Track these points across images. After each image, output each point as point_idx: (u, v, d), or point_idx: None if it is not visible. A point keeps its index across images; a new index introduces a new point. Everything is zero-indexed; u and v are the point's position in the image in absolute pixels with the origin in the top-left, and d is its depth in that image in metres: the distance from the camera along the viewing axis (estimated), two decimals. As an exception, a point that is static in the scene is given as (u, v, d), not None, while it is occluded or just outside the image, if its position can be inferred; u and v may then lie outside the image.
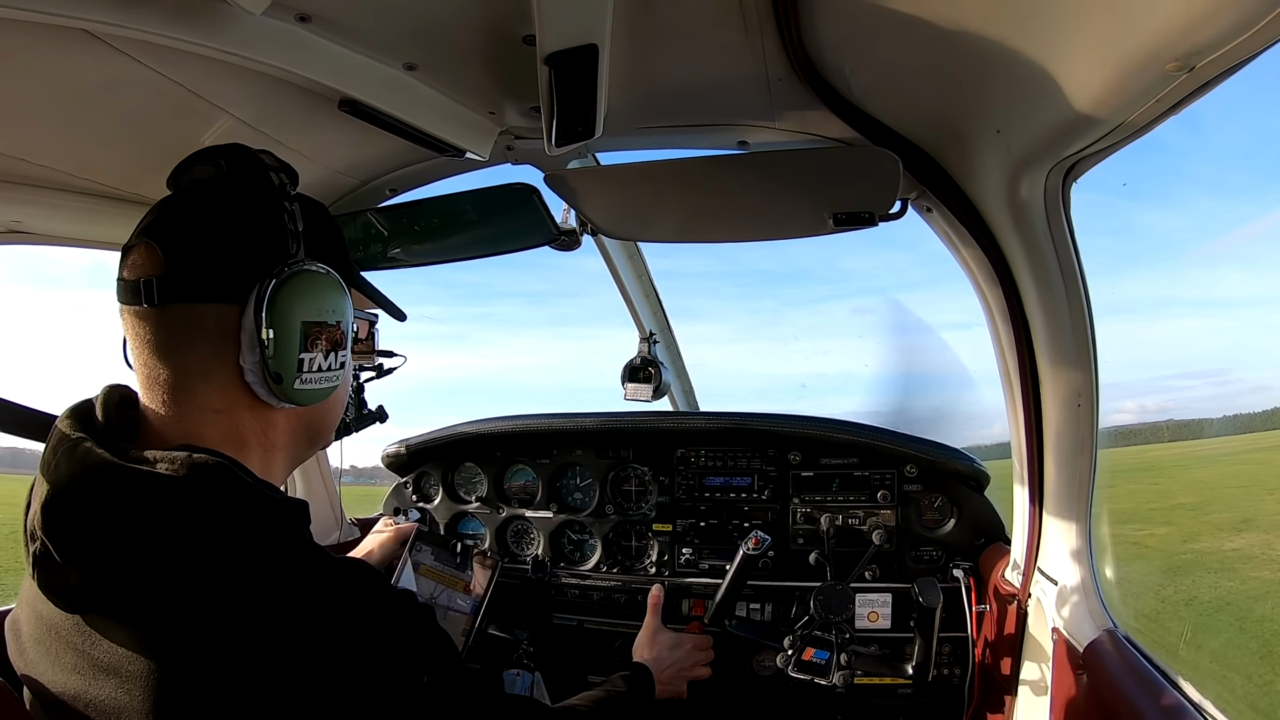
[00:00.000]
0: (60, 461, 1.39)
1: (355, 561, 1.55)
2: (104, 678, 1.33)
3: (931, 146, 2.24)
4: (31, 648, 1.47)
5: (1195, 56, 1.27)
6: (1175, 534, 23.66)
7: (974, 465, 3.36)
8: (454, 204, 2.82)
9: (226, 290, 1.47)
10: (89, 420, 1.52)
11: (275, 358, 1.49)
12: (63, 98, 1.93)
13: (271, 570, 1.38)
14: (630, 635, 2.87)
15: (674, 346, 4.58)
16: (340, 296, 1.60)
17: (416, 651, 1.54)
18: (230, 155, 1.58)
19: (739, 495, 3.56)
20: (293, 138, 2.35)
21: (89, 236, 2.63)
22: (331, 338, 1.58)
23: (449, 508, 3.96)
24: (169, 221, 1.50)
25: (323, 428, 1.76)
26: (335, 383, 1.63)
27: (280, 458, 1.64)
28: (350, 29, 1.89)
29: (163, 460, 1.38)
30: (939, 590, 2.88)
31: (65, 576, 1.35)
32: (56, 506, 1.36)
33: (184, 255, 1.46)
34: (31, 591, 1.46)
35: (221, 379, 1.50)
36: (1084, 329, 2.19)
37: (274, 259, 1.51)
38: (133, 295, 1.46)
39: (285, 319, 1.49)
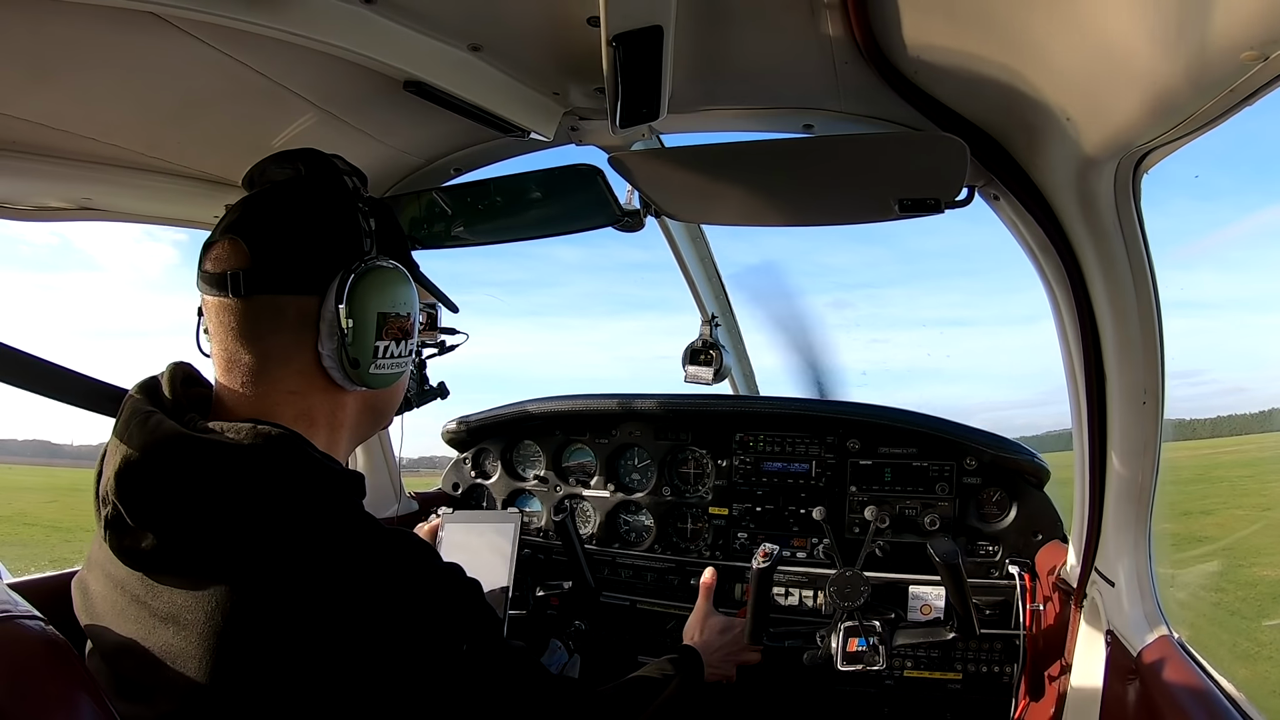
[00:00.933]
0: (132, 433, 1.49)
1: (405, 532, 1.65)
2: (162, 626, 1.43)
3: (999, 133, 2.20)
4: (99, 602, 1.58)
5: (1272, 45, 1.23)
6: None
7: (1035, 460, 3.31)
8: (518, 184, 2.83)
9: (308, 283, 1.60)
10: (157, 395, 1.63)
11: (354, 345, 1.62)
12: (131, 80, 1.97)
13: (327, 533, 1.48)
14: (682, 617, 2.88)
15: (736, 330, 4.56)
16: (409, 289, 1.74)
17: (459, 620, 1.62)
18: (307, 159, 1.71)
19: (796, 481, 3.55)
20: (358, 118, 2.38)
21: (157, 213, 2.69)
22: (402, 327, 1.71)
23: (507, 484, 4.00)
24: (254, 219, 1.62)
25: (386, 409, 1.91)
26: (404, 368, 1.76)
27: (344, 435, 1.76)
28: (414, 10, 1.90)
29: (230, 430, 1.49)
30: (954, 546, 2.82)
31: (137, 539, 1.45)
32: (130, 474, 1.45)
33: (269, 251, 1.58)
34: (102, 554, 1.56)
35: (300, 363, 1.62)
36: (1151, 324, 2.13)
37: (351, 255, 1.63)
38: (218, 286, 1.58)
39: (363, 310, 1.62)
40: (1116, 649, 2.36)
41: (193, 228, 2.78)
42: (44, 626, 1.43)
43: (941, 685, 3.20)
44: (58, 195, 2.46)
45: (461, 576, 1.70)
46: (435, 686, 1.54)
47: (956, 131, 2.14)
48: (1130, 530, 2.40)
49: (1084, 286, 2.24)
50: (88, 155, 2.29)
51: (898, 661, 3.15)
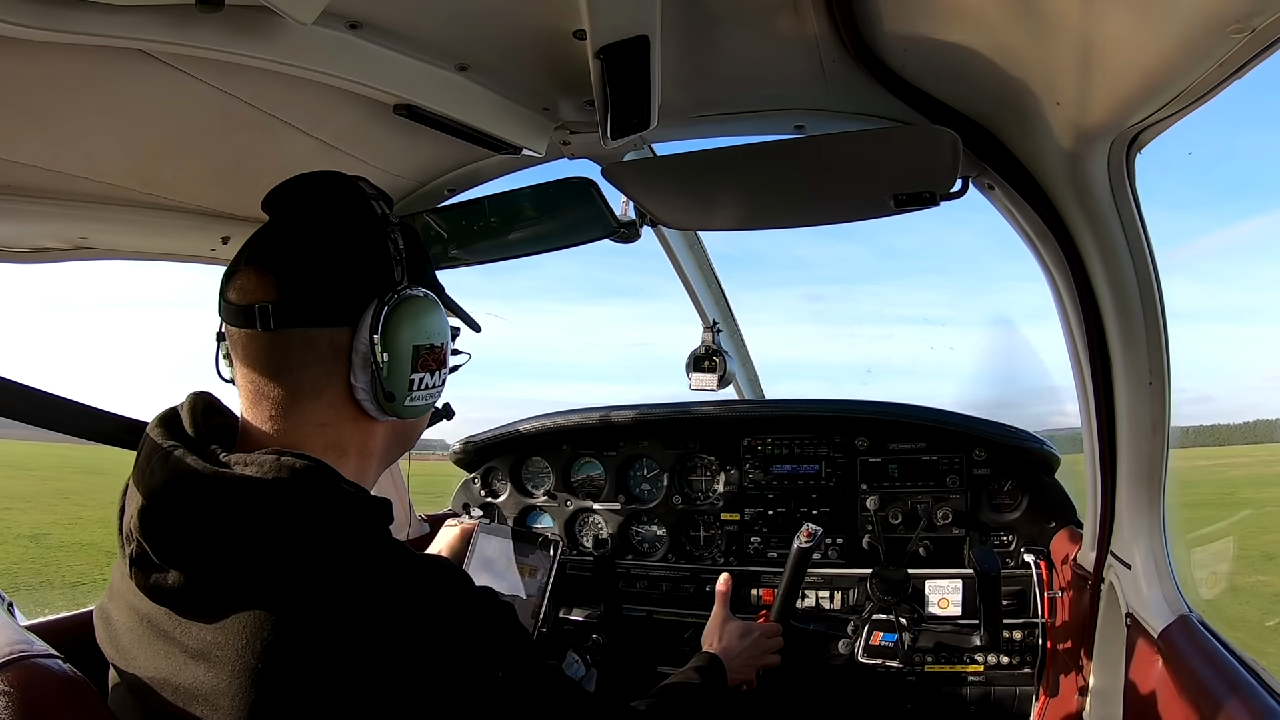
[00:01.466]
0: (154, 470, 1.46)
1: (437, 559, 1.61)
2: (192, 663, 1.40)
3: (991, 122, 2.20)
4: (124, 635, 1.54)
5: (1256, 17, 1.23)
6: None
7: (1044, 448, 3.31)
8: (513, 201, 2.83)
9: (339, 315, 1.56)
10: (177, 428, 1.58)
11: (390, 378, 1.58)
12: (123, 117, 1.97)
13: (359, 566, 1.44)
14: (699, 625, 2.87)
15: (738, 335, 4.56)
16: (442, 318, 1.71)
17: (494, 647, 1.57)
18: (330, 183, 1.67)
19: (807, 482, 3.55)
20: (350, 144, 2.38)
21: (155, 249, 2.70)
22: (437, 357, 1.68)
23: (517, 501, 4.00)
24: (279, 249, 1.59)
25: (414, 435, 1.86)
26: (436, 398, 1.74)
27: (374, 464, 1.73)
28: (401, 34, 1.90)
29: (252, 464, 1.44)
30: (996, 558, 2.84)
31: (164, 577, 1.42)
32: (153, 512, 1.43)
33: (297, 282, 1.54)
34: (124, 585, 1.53)
35: (331, 396, 1.58)
36: (1154, 305, 2.13)
37: (383, 284, 1.59)
38: (245, 319, 1.53)
39: (399, 342, 1.58)
40: (1136, 631, 2.35)
41: (192, 261, 2.78)
42: (63, 665, 1.42)
43: (963, 678, 3.19)
44: (54, 236, 2.46)
45: (495, 601, 1.66)
46: (472, 714, 1.51)
47: (947, 123, 2.14)
48: (1144, 512, 2.39)
49: (1084, 270, 2.24)
50: (82, 195, 2.29)
51: (918, 657, 3.14)
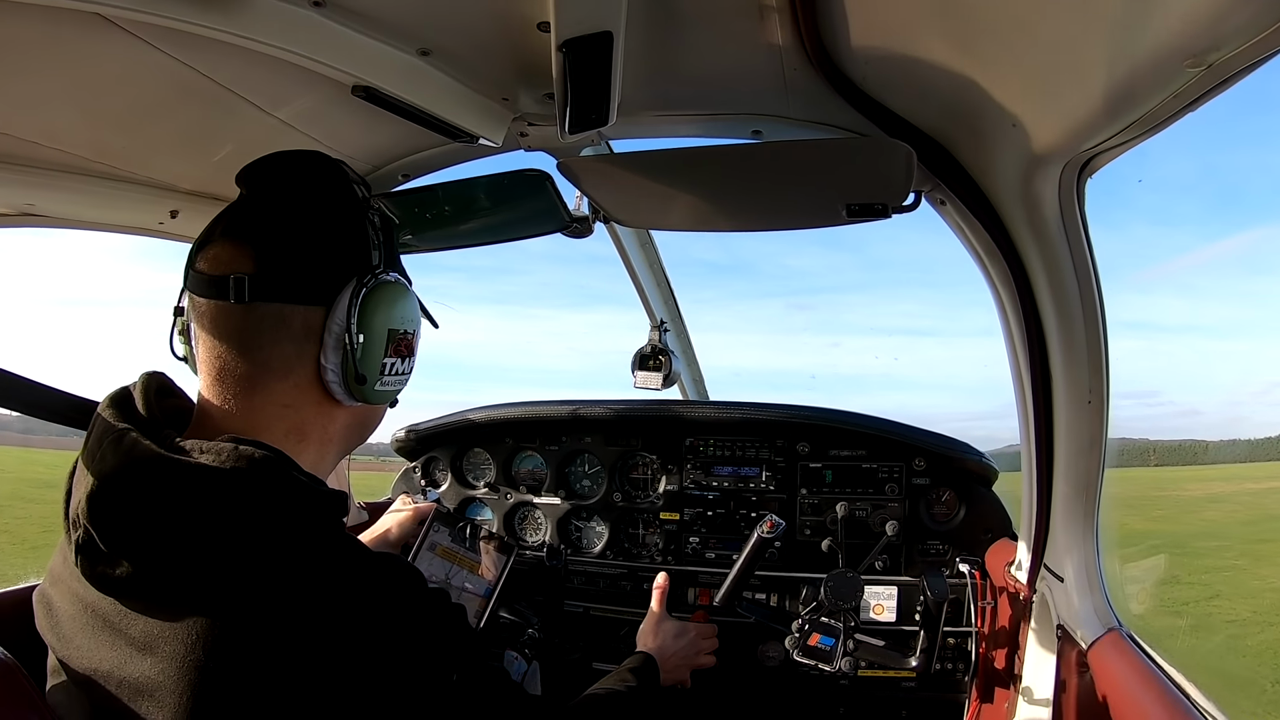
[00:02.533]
0: (105, 453, 1.42)
1: (393, 558, 1.61)
2: (139, 656, 1.37)
3: (946, 139, 2.23)
4: (67, 623, 1.51)
5: (1212, 53, 1.26)
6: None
7: (983, 460, 3.37)
8: (466, 190, 2.81)
9: (316, 293, 1.56)
10: (129, 409, 1.55)
11: (363, 360, 1.58)
12: (77, 83, 1.93)
13: (314, 563, 1.43)
14: (636, 622, 2.89)
15: (685, 335, 4.57)
16: (414, 305, 1.72)
17: (448, 650, 1.58)
18: (314, 162, 1.69)
19: (747, 485, 3.57)
20: (306, 123, 2.35)
21: (101, 219, 2.64)
22: (408, 344, 1.70)
23: (457, 492, 3.98)
24: (260, 223, 1.58)
25: (374, 422, 1.86)
26: (404, 384, 1.74)
27: (333, 450, 1.73)
28: (364, 14, 1.88)
29: (209, 452, 1.42)
30: (946, 584, 2.89)
31: (111, 565, 1.38)
32: (103, 498, 1.38)
33: (276, 257, 1.54)
34: (67, 570, 1.50)
35: (298, 377, 1.58)
36: (1096, 325, 2.17)
37: (361, 267, 1.60)
38: (217, 290, 1.52)
39: (374, 325, 1.59)
40: (1067, 643, 2.40)
41: (139, 234, 2.72)
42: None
43: (896, 683, 3.24)
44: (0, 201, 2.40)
45: (448, 603, 1.66)
46: (425, 716, 1.50)
47: (903, 137, 2.16)
48: (1078, 526, 2.44)
49: (1029, 289, 2.27)
50: (31, 160, 2.25)
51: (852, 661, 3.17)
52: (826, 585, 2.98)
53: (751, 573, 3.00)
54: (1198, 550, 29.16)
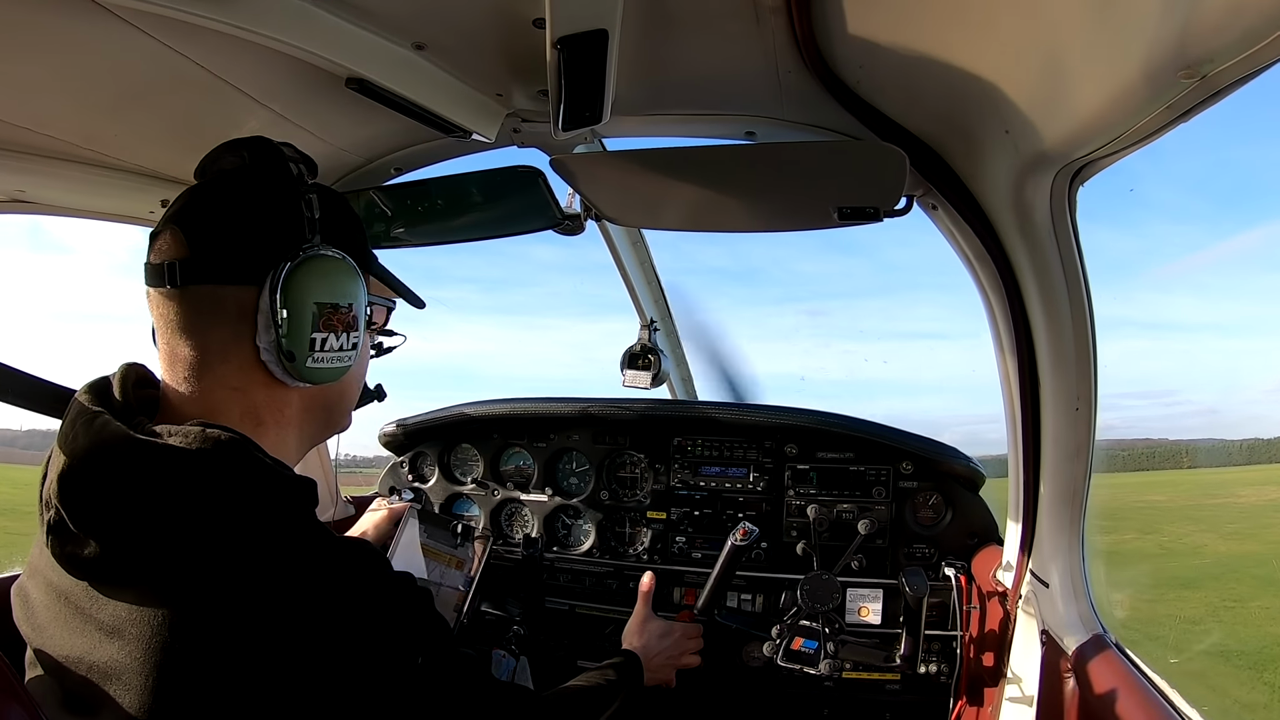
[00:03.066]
0: (78, 434, 1.44)
1: (358, 542, 1.60)
2: (107, 640, 1.38)
3: (939, 144, 2.23)
4: (41, 612, 1.52)
5: (1206, 65, 1.26)
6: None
7: (970, 464, 3.37)
8: (459, 185, 2.81)
9: (245, 273, 1.55)
10: (106, 396, 1.57)
11: (289, 336, 1.56)
12: (69, 69, 1.93)
13: (277, 545, 1.42)
14: (621, 621, 2.88)
15: (674, 335, 4.57)
16: (353, 281, 1.68)
17: (413, 633, 1.58)
18: (253, 147, 1.66)
19: (734, 486, 3.57)
20: (299, 114, 2.35)
21: (91, 207, 2.63)
22: (344, 320, 1.65)
23: (444, 488, 3.97)
24: (193, 208, 1.58)
25: (337, 409, 1.84)
26: (347, 363, 1.69)
27: (293, 436, 1.72)
28: (360, 6, 1.88)
29: (177, 434, 1.43)
30: (926, 580, 2.89)
31: (80, 546, 1.39)
32: (73, 478, 1.40)
33: (206, 240, 1.54)
34: (43, 560, 1.51)
35: (239, 358, 1.57)
36: (1085, 333, 2.18)
37: (291, 244, 1.58)
38: (157, 277, 1.54)
39: (299, 300, 1.57)
40: (1051, 649, 2.40)
41: (129, 223, 2.72)
42: None
43: (880, 686, 3.24)
44: (-13, 186, 2.39)
45: (413, 586, 1.66)
46: (391, 700, 1.50)
47: (896, 141, 2.17)
48: (1064, 533, 2.45)
49: (1019, 296, 2.28)
50: (21, 145, 2.24)
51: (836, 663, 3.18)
52: (803, 588, 2.99)
53: (729, 580, 3.00)
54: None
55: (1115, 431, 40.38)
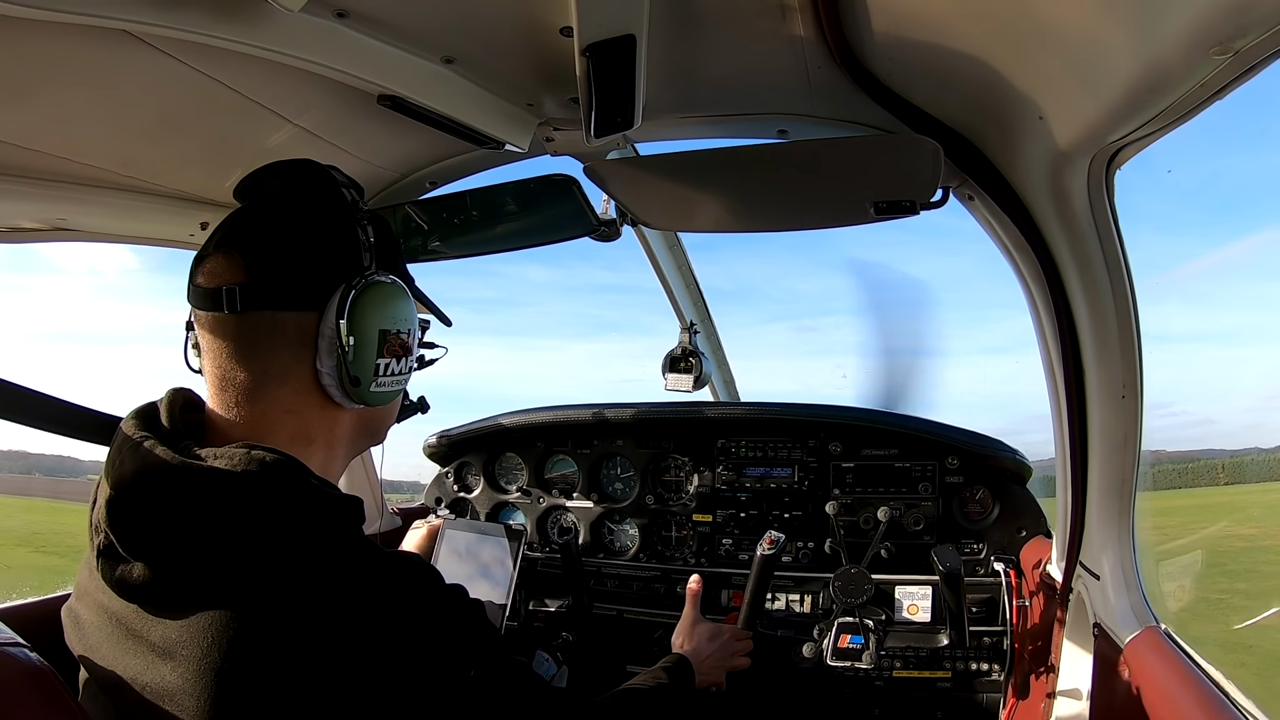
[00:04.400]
0: (124, 460, 1.46)
1: (408, 555, 1.61)
2: (159, 661, 1.39)
3: (973, 133, 2.21)
4: (93, 634, 1.53)
5: (1239, 40, 1.25)
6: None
7: (1016, 458, 3.33)
8: (494, 196, 2.83)
9: (307, 299, 1.57)
10: (153, 422, 1.58)
11: (355, 362, 1.58)
12: (105, 98, 1.95)
13: (327, 564, 1.43)
14: (669, 625, 2.88)
15: (715, 337, 4.58)
16: (408, 305, 1.71)
17: (465, 645, 1.58)
18: (302, 170, 1.68)
19: (779, 486, 3.56)
20: (332, 133, 2.37)
21: (133, 233, 2.67)
22: (403, 344, 1.69)
23: (490, 497, 3.99)
24: (249, 232, 1.59)
25: (382, 425, 1.87)
26: (403, 385, 1.75)
27: (341, 453, 1.74)
28: (388, 24, 1.90)
29: (222, 457, 1.44)
30: (959, 556, 2.86)
31: (130, 569, 1.41)
32: (120, 503, 1.43)
33: (266, 265, 1.55)
34: (93, 583, 1.53)
35: (296, 381, 1.59)
36: (1128, 319, 2.15)
37: (351, 270, 1.60)
38: (212, 302, 1.54)
39: (364, 327, 1.59)
40: (1103, 641, 2.37)
41: (169, 246, 2.75)
42: (29, 655, 1.41)
43: (931, 684, 3.21)
44: (31, 216, 2.43)
45: (465, 599, 1.66)
46: (444, 713, 1.51)
47: (930, 133, 2.15)
48: (1114, 524, 2.41)
49: (1060, 283, 2.25)
50: (61, 175, 2.27)
51: (886, 662, 3.16)
52: (834, 584, 2.99)
53: (765, 591, 2.98)
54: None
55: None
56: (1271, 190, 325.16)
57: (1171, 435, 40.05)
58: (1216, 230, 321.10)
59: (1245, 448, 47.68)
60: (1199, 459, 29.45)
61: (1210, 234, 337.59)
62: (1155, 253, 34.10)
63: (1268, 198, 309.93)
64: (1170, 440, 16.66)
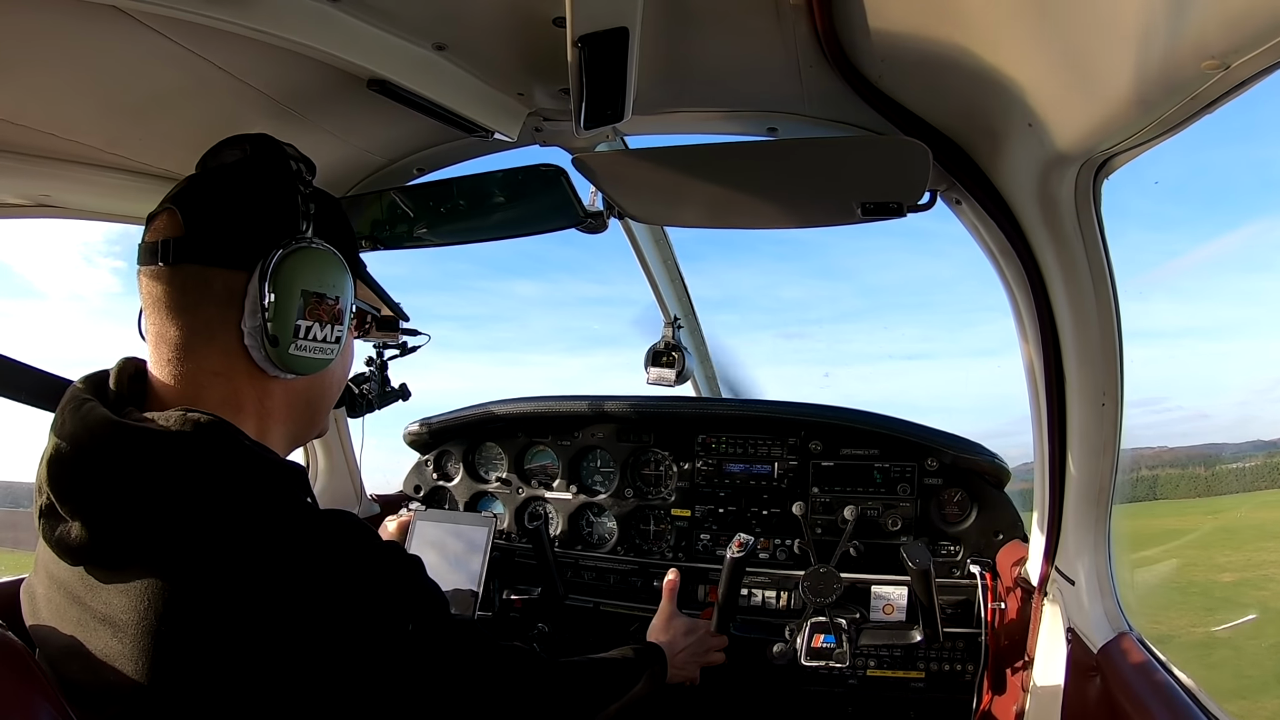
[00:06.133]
0: (66, 420, 1.48)
1: (342, 513, 1.62)
2: (100, 627, 1.41)
3: (962, 138, 2.22)
4: (43, 606, 1.55)
5: (1232, 55, 1.25)
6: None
7: (995, 461, 3.35)
8: (481, 184, 2.82)
9: (236, 257, 1.58)
10: (101, 387, 1.60)
11: (274, 321, 1.59)
12: (92, 74, 1.94)
13: (259, 522, 1.45)
14: (646, 619, 2.89)
15: (698, 332, 4.57)
16: (341, 274, 1.72)
17: (401, 600, 1.60)
18: (255, 142, 1.70)
19: (759, 482, 3.57)
20: (321, 116, 2.36)
21: (116, 210, 2.66)
22: (330, 311, 1.69)
23: (469, 486, 3.98)
24: (192, 192, 1.62)
25: (320, 404, 1.86)
26: (330, 355, 1.72)
27: (276, 429, 1.73)
28: (380, 8, 1.89)
29: (159, 419, 1.47)
30: (928, 553, 2.87)
31: (68, 530, 1.43)
32: (60, 461, 1.45)
33: (201, 221, 1.58)
34: (45, 554, 1.53)
35: (223, 341, 1.59)
36: (1111, 328, 2.16)
37: (284, 234, 1.62)
38: (151, 255, 1.57)
39: (287, 287, 1.60)
40: (1077, 646, 2.39)
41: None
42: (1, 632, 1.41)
43: (905, 684, 3.23)
44: (15, 192, 2.42)
45: (402, 554, 1.69)
46: (384, 668, 1.52)
47: (919, 136, 2.16)
48: (1090, 530, 2.43)
49: (1044, 290, 2.27)
50: (47, 151, 2.25)
51: (861, 661, 3.17)
52: (803, 584, 3.01)
53: (736, 593, 2.99)
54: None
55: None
56: (1256, 185, 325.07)
57: (1167, 431, 38.18)
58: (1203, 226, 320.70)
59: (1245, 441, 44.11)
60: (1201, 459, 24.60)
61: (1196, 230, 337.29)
62: (1143, 250, 33.27)
63: (1252, 192, 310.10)
64: (1166, 436, 15.02)
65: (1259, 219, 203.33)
